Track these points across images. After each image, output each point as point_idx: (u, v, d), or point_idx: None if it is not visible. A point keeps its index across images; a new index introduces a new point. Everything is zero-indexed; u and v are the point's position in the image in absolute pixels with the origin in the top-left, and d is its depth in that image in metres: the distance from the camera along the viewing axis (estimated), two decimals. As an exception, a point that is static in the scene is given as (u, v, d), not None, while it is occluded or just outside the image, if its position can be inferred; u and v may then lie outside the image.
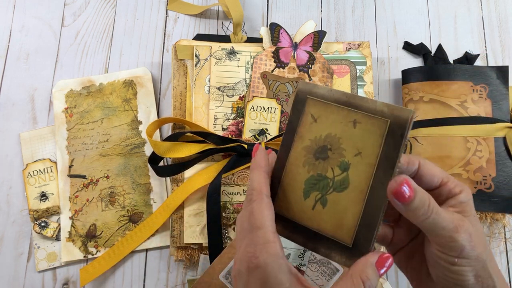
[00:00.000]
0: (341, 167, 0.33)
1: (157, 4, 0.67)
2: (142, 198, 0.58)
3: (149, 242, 0.57)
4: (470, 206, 0.34)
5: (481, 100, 0.57)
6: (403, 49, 0.65)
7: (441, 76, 0.58)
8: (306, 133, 0.34)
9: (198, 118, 0.57)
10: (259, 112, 0.57)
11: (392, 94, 0.63)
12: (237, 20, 0.60)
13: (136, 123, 0.60)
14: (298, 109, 0.35)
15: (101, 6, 0.66)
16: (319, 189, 0.33)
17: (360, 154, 0.32)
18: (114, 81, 0.61)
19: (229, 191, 0.55)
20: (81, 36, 0.65)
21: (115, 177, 0.58)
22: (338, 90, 0.33)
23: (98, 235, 0.57)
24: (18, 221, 0.58)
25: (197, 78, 0.58)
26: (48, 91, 0.62)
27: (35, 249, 0.57)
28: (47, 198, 0.58)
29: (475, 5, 0.67)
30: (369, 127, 0.32)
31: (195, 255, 0.55)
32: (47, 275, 0.57)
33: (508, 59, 0.64)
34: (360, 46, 0.60)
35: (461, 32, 0.65)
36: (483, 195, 0.54)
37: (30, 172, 0.59)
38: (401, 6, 0.67)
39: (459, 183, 0.35)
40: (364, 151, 0.32)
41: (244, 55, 0.59)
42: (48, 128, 0.61)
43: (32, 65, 0.64)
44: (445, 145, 0.56)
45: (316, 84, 0.35)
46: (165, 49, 0.64)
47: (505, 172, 0.55)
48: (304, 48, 0.59)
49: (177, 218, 0.56)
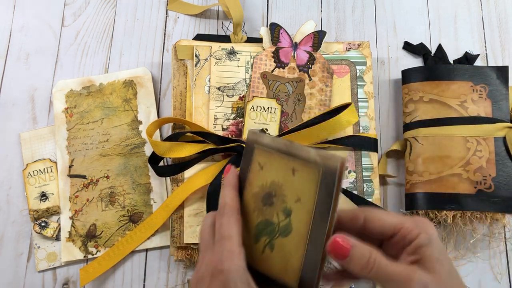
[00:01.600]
0: (284, 213, 0.34)
1: (157, 4, 0.67)
2: (142, 198, 0.58)
3: (149, 242, 0.57)
4: (432, 248, 0.31)
5: (481, 100, 0.57)
6: (403, 49, 0.65)
7: (441, 76, 0.58)
8: (254, 180, 0.36)
9: (198, 118, 0.57)
10: (259, 112, 0.57)
11: (392, 94, 0.63)
12: (237, 20, 0.60)
13: (136, 123, 0.60)
14: (247, 158, 0.37)
15: (101, 6, 0.66)
16: (267, 233, 0.35)
17: (299, 201, 0.33)
18: (114, 81, 0.61)
19: (229, 191, 0.55)
20: (81, 36, 0.65)
21: (115, 177, 0.58)
22: (280, 140, 0.35)
23: (98, 235, 0.57)
24: (18, 221, 0.58)
25: (197, 78, 0.58)
26: (48, 91, 0.62)
27: (35, 249, 0.57)
28: (47, 198, 0.58)
29: (475, 5, 0.67)
30: (305, 175, 0.33)
31: (195, 255, 0.55)
32: (47, 275, 0.57)
33: (508, 59, 0.64)
34: (360, 46, 0.60)
35: (461, 32, 0.65)
36: (483, 195, 0.54)
37: (30, 172, 0.59)
38: (401, 6, 0.67)
39: (417, 224, 0.33)
40: (302, 198, 0.33)
41: (244, 55, 0.59)
42: (48, 128, 0.61)
43: (32, 65, 0.64)
44: (445, 145, 0.56)
45: (262, 134, 0.37)
46: (165, 49, 0.65)
47: (505, 172, 0.55)
48: (304, 48, 0.59)
49: (177, 218, 0.56)
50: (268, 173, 0.36)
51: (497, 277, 0.57)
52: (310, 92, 0.58)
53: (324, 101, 0.58)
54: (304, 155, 0.33)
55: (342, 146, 0.57)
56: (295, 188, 0.34)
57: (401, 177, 0.60)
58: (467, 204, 0.54)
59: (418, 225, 0.32)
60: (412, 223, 0.33)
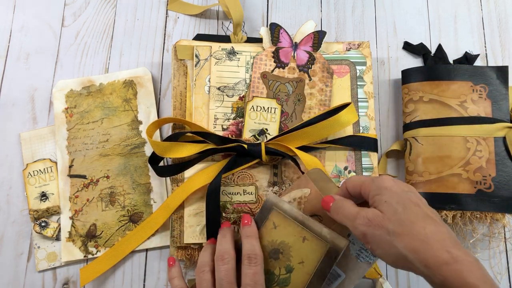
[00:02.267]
0: (286, 269, 0.42)
1: (157, 4, 0.67)
2: (142, 198, 0.58)
3: (149, 242, 0.57)
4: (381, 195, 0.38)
5: (481, 100, 0.57)
6: (403, 49, 0.65)
7: (441, 76, 0.58)
8: (266, 235, 0.44)
9: (198, 118, 0.57)
10: (259, 112, 0.57)
11: (392, 94, 0.63)
12: (237, 20, 0.60)
13: (136, 123, 0.60)
14: (263, 215, 0.45)
15: (101, 6, 0.66)
16: (266, 281, 0.42)
17: (302, 263, 0.42)
18: (114, 81, 0.61)
19: (229, 191, 0.55)
20: (81, 36, 0.65)
21: (115, 177, 0.58)
22: (297, 211, 0.43)
23: (98, 235, 0.57)
24: (18, 221, 0.58)
25: (197, 78, 0.58)
26: (48, 91, 0.63)
27: (35, 249, 0.57)
28: (47, 198, 0.58)
29: (475, 5, 0.67)
30: (313, 246, 0.41)
31: (195, 255, 0.55)
32: (47, 275, 0.57)
33: (508, 59, 0.64)
34: (360, 46, 0.60)
35: (461, 32, 0.66)
36: (483, 195, 0.54)
37: (30, 172, 0.59)
38: (401, 6, 0.67)
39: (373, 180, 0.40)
40: (306, 262, 0.41)
41: (244, 55, 0.59)
42: (48, 128, 0.61)
43: (32, 65, 0.64)
44: (445, 145, 0.56)
45: (282, 199, 0.45)
46: (165, 49, 0.65)
47: (505, 172, 0.55)
48: (304, 48, 0.59)
49: (177, 218, 0.56)
50: (280, 233, 0.43)
51: (497, 277, 0.57)
52: (310, 92, 0.58)
53: (324, 101, 0.58)
54: (317, 230, 0.42)
55: (342, 146, 0.57)
56: (302, 253, 0.42)
57: (401, 177, 0.60)
58: (467, 204, 0.54)
59: (374, 180, 0.40)
60: (370, 180, 0.41)
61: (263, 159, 0.54)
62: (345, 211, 0.39)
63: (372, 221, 0.37)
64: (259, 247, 0.43)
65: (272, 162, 0.56)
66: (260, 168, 0.56)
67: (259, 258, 0.42)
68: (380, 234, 0.36)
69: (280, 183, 0.56)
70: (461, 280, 0.31)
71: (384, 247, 0.36)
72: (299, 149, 0.55)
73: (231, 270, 0.42)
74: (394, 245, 0.35)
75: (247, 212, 0.55)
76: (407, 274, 0.57)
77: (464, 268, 0.31)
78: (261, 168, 0.56)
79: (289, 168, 0.56)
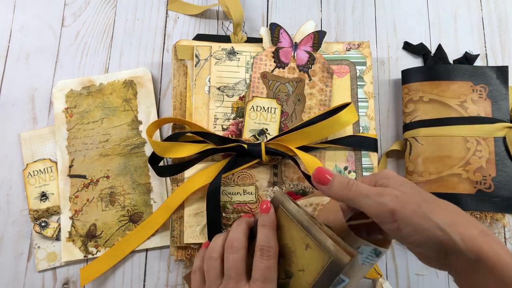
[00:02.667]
0: (285, 274, 0.39)
1: (157, 4, 0.67)
2: (142, 198, 0.58)
3: (149, 242, 0.57)
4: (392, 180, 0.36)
5: (481, 100, 0.57)
6: (403, 49, 0.65)
7: (441, 76, 0.58)
8: None
9: (198, 118, 0.57)
10: (259, 112, 0.57)
11: (392, 94, 0.63)
12: (237, 20, 0.60)
13: (136, 123, 0.60)
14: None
15: (101, 6, 0.66)
16: None
17: (303, 271, 0.38)
18: (114, 81, 0.61)
19: (229, 191, 0.55)
20: (81, 36, 0.65)
21: (115, 177, 0.58)
22: (304, 214, 0.38)
23: (98, 235, 0.57)
24: (18, 221, 0.58)
25: (197, 78, 0.58)
26: (48, 91, 0.63)
27: (35, 249, 0.57)
28: (47, 198, 0.58)
29: (475, 5, 0.67)
30: (316, 255, 0.37)
31: (195, 255, 0.55)
32: (47, 275, 0.57)
33: (508, 59, 0.64)
34: (360, 46, 0.60)
35: (461, 32, 0.66)
36: (483, 195, 0.54)
37: (30, 172, 0.59)
38: (401, 6, 0.67)
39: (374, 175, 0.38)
40: (306, 271, 0.37)
41: (244, 55, 0.59)
42: (48, 128, 0.61)
43: (32, 65, 0.64)
44: (445, 145, 0.56)
45: (289, 199, 0.40)
46: (165, 49, 0.65)
47: (505, 172, 0.55)
48: (304, 48, 0.59)
49: (177, 218, 0.56)
50: (284, 236, 0.40)
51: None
52: (310, 92, 0.58)
53: (324, 101, 0.58)
54: (321, 240, 0.37)
55: (342, 146, 0.57)
56: (303, 261, 0.38)
57: (401, 177, 0.60)
58: (467, 204, 0.54)
59: (378, 173, 0.38)
60: (371, 175, 0.38)
61: (263, 159, 0.54)
62: (362, 189, 0.35)
63: (400, 197, 0.34)
64: (275, 239, 0.39)
65: (272, 162, 0.56)
66: (260, 168, 0.56)
67: (273, 251, 0.38)
68: (412, 209, 0.33)
69: (280, 183, 0.56)
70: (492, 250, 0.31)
71: (416, 222, 0.33)
72: (299, 149, 0.55)
73: (240, 261, 0.38)
74: (430, 218, 0.33)
75: (247, 212, 0.55)
76: (407, 274, 0.57)
77: (494, 239, 0.32)
78: (261, 168, 0.56)
79: (289, 168, 0.56)
